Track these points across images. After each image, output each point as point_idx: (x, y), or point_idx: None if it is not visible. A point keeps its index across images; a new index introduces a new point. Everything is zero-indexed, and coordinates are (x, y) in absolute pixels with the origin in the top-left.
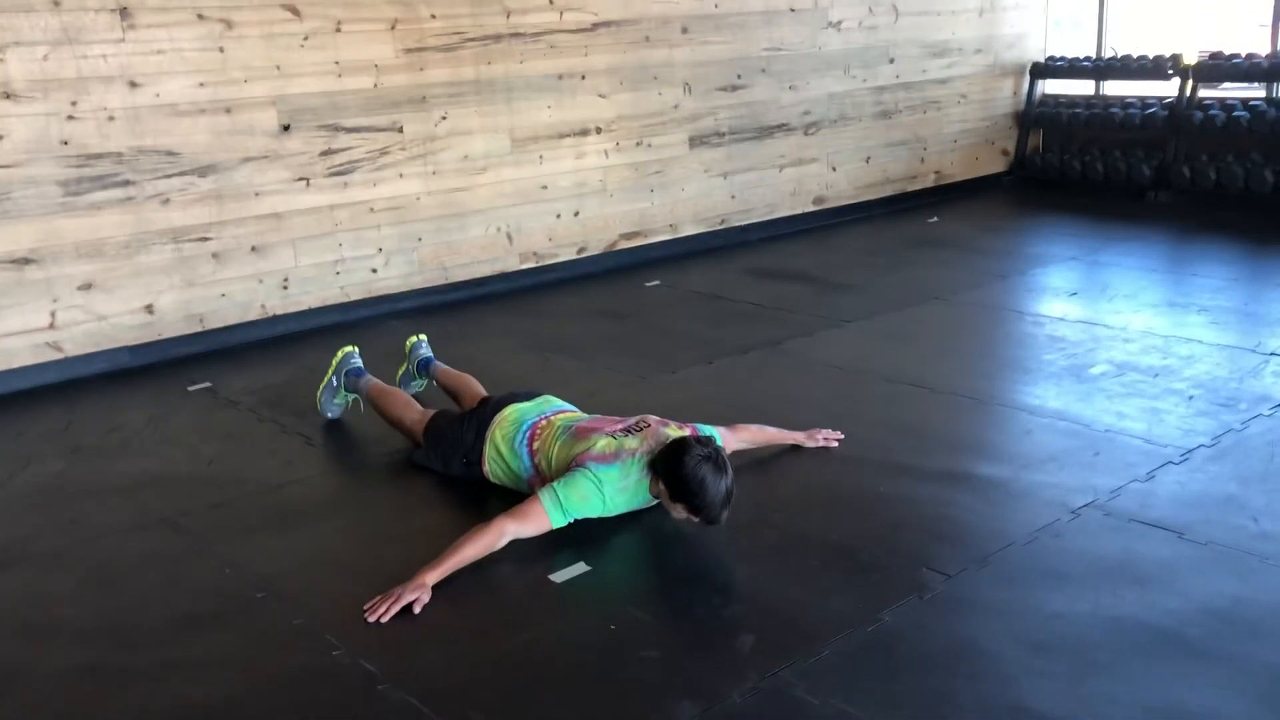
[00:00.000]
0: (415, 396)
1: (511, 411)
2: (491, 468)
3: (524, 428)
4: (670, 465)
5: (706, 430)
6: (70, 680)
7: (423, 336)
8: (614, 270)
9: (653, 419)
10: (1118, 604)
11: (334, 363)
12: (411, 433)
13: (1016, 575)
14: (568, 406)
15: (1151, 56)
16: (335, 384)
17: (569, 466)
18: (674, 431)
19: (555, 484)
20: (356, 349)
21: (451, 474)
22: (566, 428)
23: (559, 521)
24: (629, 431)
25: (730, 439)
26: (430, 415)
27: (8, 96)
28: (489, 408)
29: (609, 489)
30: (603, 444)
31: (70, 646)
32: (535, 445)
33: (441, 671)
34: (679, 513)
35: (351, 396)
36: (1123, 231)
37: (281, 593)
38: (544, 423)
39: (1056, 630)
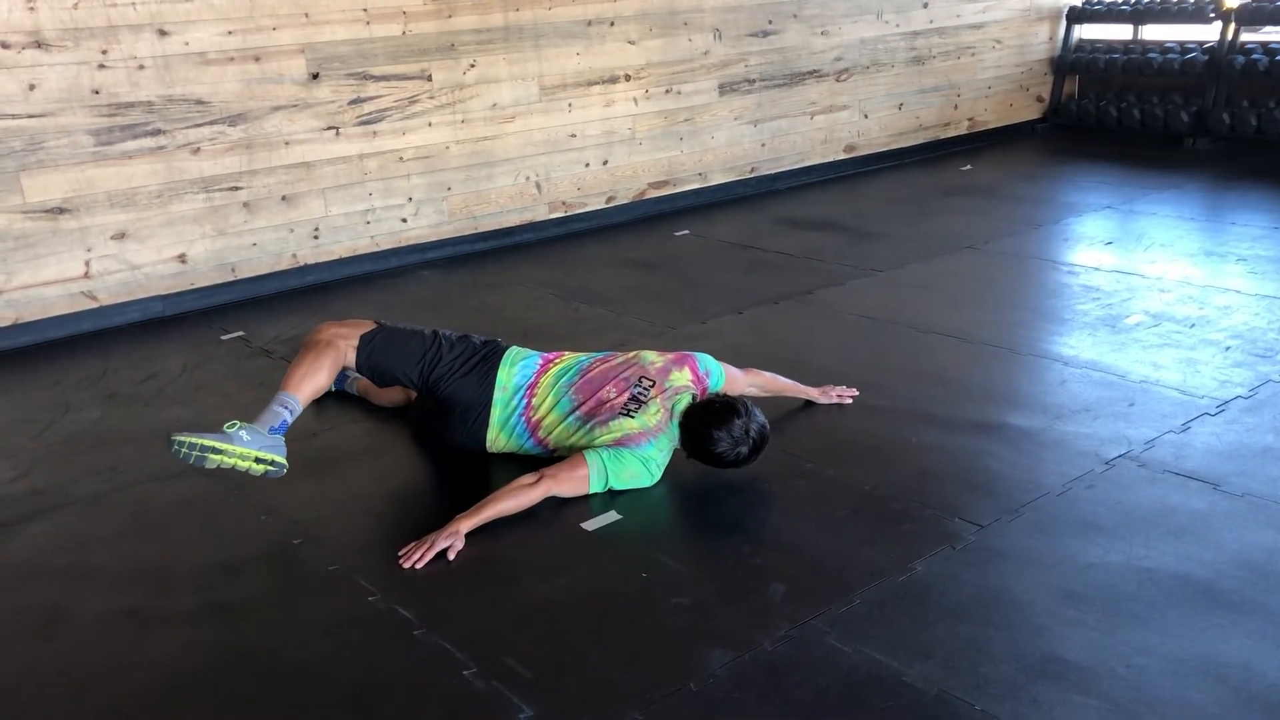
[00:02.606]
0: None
1: (497, 413)
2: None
3: (517, 412)
4: (705, 456)
5: (705, 364)
6: (111, 624)
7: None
8: (643, 219)
9: (650, 366)
10: (1151, 555)
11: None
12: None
13: (1049, 526)
14: (531, 365)
15: None
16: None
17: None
18: (679, 379)
19: (605, 456)
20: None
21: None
22: (570, 410)
23: (597, 490)
24: (640, 402)
25: (741, 381)
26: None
27: (39, 45)
28: (477, 412)
29: (653, 465)
30: (629, 426)
31: (110, 591)
32: (541, 436)
33: (476, 617)
34: None
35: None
36: (1159, 179)
37: (317, 539)
38: (532, 409)
39: (1089, 581)
